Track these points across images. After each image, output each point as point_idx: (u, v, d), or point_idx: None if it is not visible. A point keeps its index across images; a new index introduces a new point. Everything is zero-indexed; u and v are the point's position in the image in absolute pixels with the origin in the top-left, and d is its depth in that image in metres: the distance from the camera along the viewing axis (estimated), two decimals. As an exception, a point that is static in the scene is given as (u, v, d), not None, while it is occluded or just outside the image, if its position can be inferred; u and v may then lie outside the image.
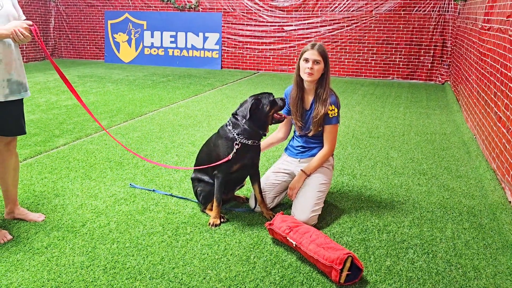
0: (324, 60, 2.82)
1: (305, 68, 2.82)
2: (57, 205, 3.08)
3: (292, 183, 2.96)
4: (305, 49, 2.85)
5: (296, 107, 2.95)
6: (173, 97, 7.12)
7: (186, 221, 2.88)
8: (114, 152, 4.23)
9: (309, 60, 2.80)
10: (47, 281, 2.21)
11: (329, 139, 2.93)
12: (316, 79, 2.85)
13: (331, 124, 2.89)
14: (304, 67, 2.83)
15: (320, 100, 2.86)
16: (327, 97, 2.85)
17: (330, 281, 2.25)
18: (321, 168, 2.96)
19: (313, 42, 2.87)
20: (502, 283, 2.28)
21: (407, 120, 5.82)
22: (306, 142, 3.04)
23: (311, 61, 2.80)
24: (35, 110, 5.95)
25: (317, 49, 2.80)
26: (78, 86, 7.96)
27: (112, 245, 2.57)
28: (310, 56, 2.80)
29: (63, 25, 12.20)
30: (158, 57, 11.31)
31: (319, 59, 2.80)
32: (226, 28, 10.67)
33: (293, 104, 2.96)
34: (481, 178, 3.75)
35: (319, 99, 2.86)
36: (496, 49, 4.31)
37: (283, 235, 2.51)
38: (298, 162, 3.06)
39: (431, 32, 9.19)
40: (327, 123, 2.89)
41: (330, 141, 2.93)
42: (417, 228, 2.85)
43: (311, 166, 2.94)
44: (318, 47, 2.81)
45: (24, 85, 2.64)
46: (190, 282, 2.22)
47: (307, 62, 2.82)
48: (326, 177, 2.96)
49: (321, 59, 2.80)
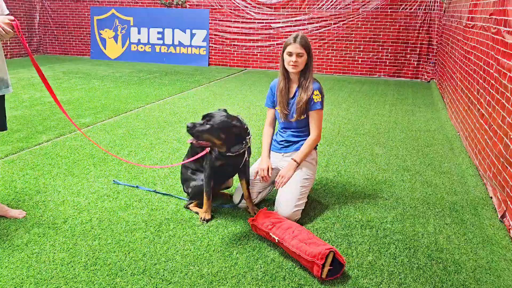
0: (307, 52, 2.85)
1: (290, 61, 2.85)
2: (39, 201, 3.04)
3: (282, 171, 2.93)
4: (288, 42, 2.86)
5: (282, 97, 2.99)
6: (160, 94, 7.07)
7: (170, 217, 2.87)
8: (98, 149, 4.19)
9: (292, 53, 2.83)
10: (26, 278, 2.18)
11: (315, 125, 2.94)
12: (300, 70, 2.90)
13: (316, 109, 2.91)
14: (288, 60, 2.86)
15: (303, 87, 2.91)
16: (310, 84, 2.90)
17: (312, 276, 2.26)
18: (305, 162, 2.97)
19: (295, 34, 2.88)
20: (482, 277, 2.30)
21: (392, 117, 5.86)
22: (290, 136, 3.04)
23: (294, 54, 2.83)
24: (18, 107, 5.86)
25: (299, 43, 2.82)
26: (63, 83, 7.86)
27: (93, 241, 2.54)
28: (293, 50, 2.82)
29: (48, 21, 12.04)
30: (145, 54, 11.23)
31: (302, 52, 2.83)
32: (213, 25, 10.63)
33: (280, 94, 3.00)
34: (464, 174, 3.80)
35: (303, 87, 2.91)
36: (480, 47, 4.36)
37: (266, 231, 2.51)
38: (282, 157, 3.07)
39: (417, 30, 9.26)
40: (312, 108, 2.91)
41: (317, 127, 2.94)
42: (400, 223, 2.87)
43: (300, 154, 2.94)
44: (300, 40, 2.83)
45: (5, 81, 2.60)
46: (171, 278, 2.21)
47: (290, 55, 2.85)
48: (310, 172, 2.97)
49: (303, 51, 2.83)
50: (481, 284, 2.24)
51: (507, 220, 2.85)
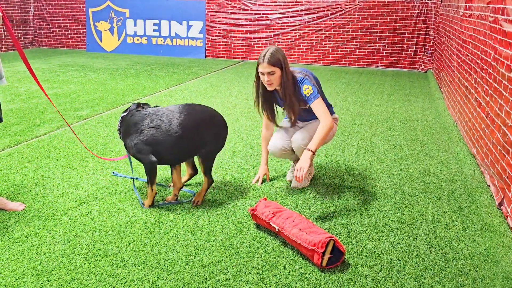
0: (278, 67, 2.79)
1: (264, 80, 2.84)
2: (38, 194, 3.04)
3: (298, 164, 2.79)
4: (258, 61, 2.83)
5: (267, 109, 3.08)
6: (157, 86, 7.05)
7: (169, 208, 2.87)
8: (96, 141, 4.18)
9: (264, 73, 2.81)
10: (27, 270, 2.19)
11: (320, 113, 2.86)
12: (277, 85, 2.87)
13: (314, 100, 2.87)
14: (262, 78, 2.85)
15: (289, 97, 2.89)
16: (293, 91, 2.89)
17: (312, 264, 2.27)
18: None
19: (265, 51, 2.81)
20: (480, 263, 2.33)
21: (390, 108, 5.87)
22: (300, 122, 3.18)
23: (265, 74, 2.80)
24: (15, 100, 5.83)
25: (267, 62, 2.76)
26: (59, 76, 7.82)
27: (94, 233, 2.55)
28: (263, 70, 2.80)
29: (43, 13, 11.95)
30: (141, 46, 11.17)
31: (272, 70, 2.78)
32: (210, 17, 10.57)
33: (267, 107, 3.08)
34: (461, 163, 3.81)
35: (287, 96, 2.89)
36: (477, 36, 4.36)
37: (266, 220, 2.52)
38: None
39: (414, 20, 9.24)
40: (310, 103, 2.89)
41: (322, 114, 2.86)
42: (399, 212, 2.89)
43: (315, 141, 2.82)
44: (268, 60, 2.76)
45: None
46: (173, 268, 2.22)
47: (263, 75, 2.83)
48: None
49: (274, 69, 2.78)
50: (479, 271, 2.26)
51: (505, 207, 2.87)
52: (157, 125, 2.76)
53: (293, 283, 2.12)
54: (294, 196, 3.09)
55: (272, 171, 3.53)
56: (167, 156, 2.81)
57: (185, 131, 2.75)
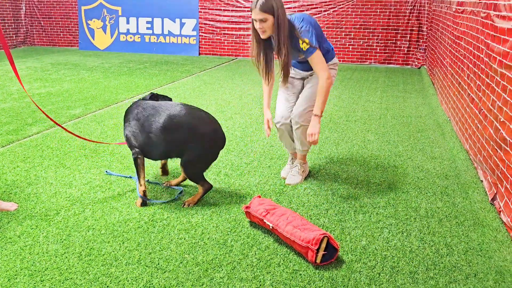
0: (271, 14, 2.69)
1: (258, 28, 2.75)
2: (30, 194, 3.02)
3: (309, 130, 2.85)
4: (251, 6, 2.73)
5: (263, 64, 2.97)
6: (150, 84, 7.02)
7: (163, 206, 2.86)
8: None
9: (256, 20, 2.73)
10: (20, 270, 2.17)
11: (318, 67, 2.82)
12: (271, 33, 2.78)
13: (311, 55, 2.81)
14: (255, 25, 2.77)
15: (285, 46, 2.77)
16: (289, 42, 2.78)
17: (306, 261, 2.27)
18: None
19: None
20: (473, 258, 2.34)
21: (383, 104, 5.88)
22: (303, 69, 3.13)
23: (258, 21, 2.72)
24: (7, 99, 5.78)
25: (259, 8, 2.67)
26: (52, 74, 7.76)
27: (87, 232, 2.53)
28: (255, 17, 2.72)
29: (34, 11, 11.84)
30: (134, 44, 11.11)
31: (264, 17, 2.68)
32: (203, 14, 10.53)
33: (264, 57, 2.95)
34: (455, 159, 3.83)
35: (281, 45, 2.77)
36: (470, 32, 4.37)
37: (260, 218, 2.52)
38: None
39: (407, 17, 9.26)
40: (307, 56, 2.83)
41: (320, 69, 2.82)
42: (392, 208, 2.90)
43: (318, 105, 2.83)
44: (260, 6, 2.67)
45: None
46: (167, 267, 2.21)
47: (256, 21, 2.74)
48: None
49: (266, 15, 2.68)
50: (472, 266, 2.27)
51: (498, 202, 2.88)
52: (138, 118, 2.84)
53: (287, 280, 2.12)
54: (288, 193, 3.09)
55: (266, 169, 3.53)
56: (144, 150, 2.85)
57: (156, 131, 2.76)
